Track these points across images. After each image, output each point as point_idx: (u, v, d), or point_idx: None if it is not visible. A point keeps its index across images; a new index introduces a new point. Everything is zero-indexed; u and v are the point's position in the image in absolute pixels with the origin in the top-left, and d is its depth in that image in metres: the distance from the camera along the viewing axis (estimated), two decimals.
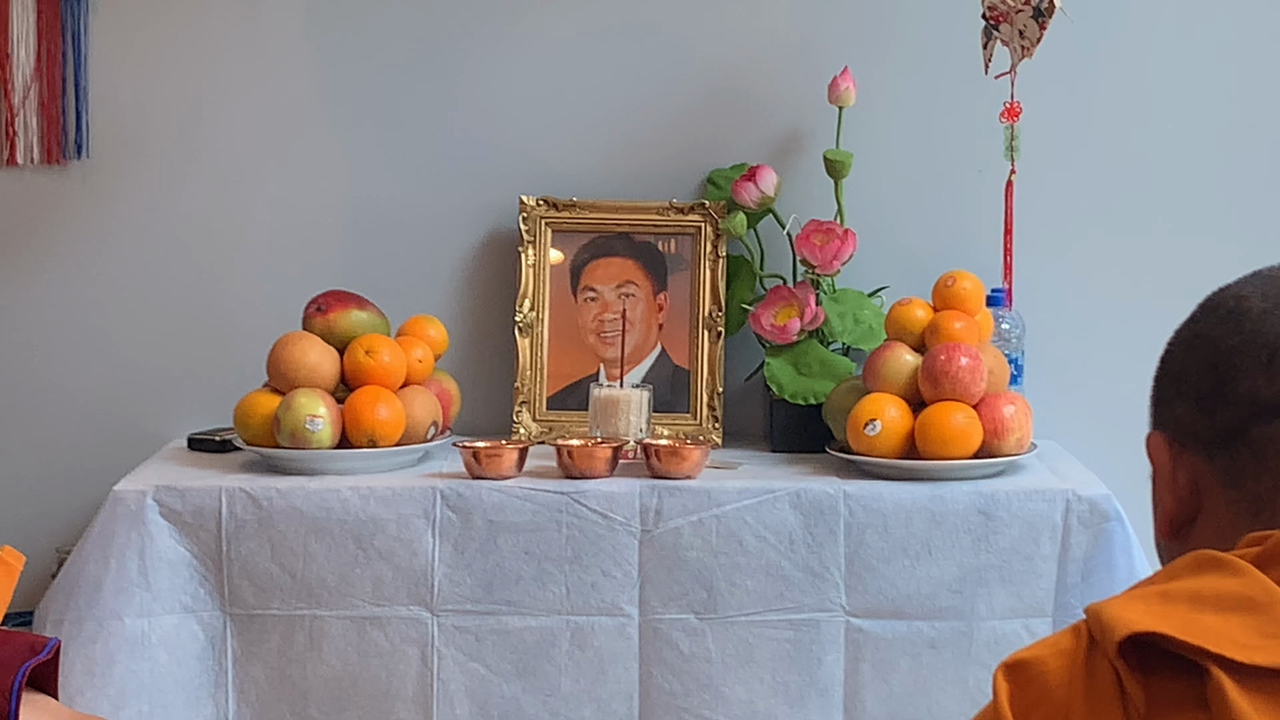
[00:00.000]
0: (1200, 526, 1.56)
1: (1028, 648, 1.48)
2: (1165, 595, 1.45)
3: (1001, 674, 1.46)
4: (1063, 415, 3.47)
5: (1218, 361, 1.54)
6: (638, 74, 3.50)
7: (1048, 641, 1.48)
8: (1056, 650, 1.46)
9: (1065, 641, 1.46)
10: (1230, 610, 1.41)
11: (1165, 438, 1.58)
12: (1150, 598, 1.45)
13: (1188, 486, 1.56)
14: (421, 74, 3.51)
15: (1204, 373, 1.55)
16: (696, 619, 3.01)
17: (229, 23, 3.51)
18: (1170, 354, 1.61)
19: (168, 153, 3.53)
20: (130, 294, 3.53)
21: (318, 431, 3.08)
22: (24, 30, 3.49)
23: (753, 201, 3.38)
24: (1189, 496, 1.56)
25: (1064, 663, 1.44)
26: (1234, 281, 1.60)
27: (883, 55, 3.48)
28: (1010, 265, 3.37)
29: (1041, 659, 1.45)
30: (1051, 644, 1.47)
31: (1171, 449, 1.57)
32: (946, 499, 3.01)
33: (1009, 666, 1.46)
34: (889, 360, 3.15)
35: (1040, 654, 1.46)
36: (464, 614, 3.01)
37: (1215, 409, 1.53)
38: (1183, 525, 1.57)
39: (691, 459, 3.07)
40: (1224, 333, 1.55)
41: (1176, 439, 1.57)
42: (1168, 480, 1.57)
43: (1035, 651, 1.47)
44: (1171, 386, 1.59)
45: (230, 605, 3.03)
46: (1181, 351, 1.59)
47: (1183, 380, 1.57)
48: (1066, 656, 1.45)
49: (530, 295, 3.45)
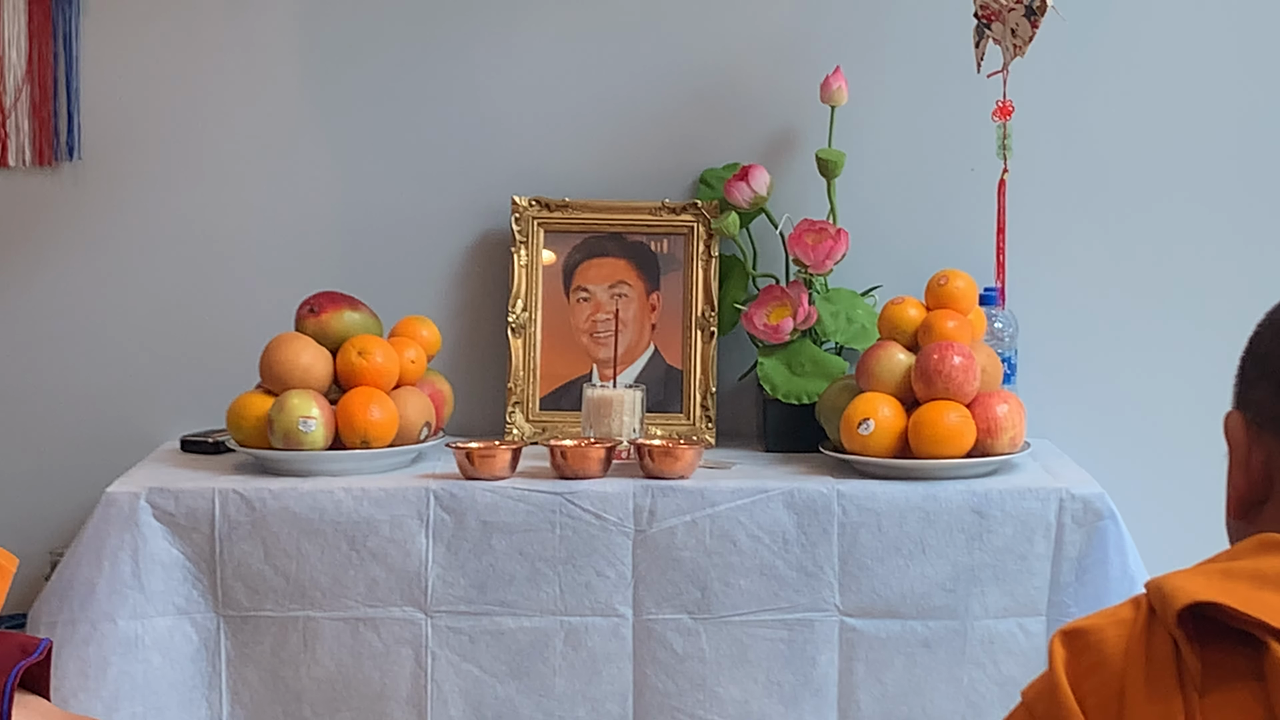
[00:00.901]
0: (1270, 510, 1.56)
1: (1085, 617, 1.51)
2: (1227, 572, 1.46)
3: (1059, 640, 1.48)
4: (1056, 414, 3.47)
5: None
6: (629, 74, 3.50)
7: (1106, 612, 1.50)
8: (1115, 620, 1.48)
9: (1124, 612, 1.48)
10: None
11: (1244, 418, 1.58)
12: (1212, 574, 1.47)
13: (1261, 470, 1.56)
14: (413, 75, 3.51)
15: None
16: (690, 619, 3.01)
17: (220, 24, 3.51)
18: (1259, 335, 1.60)
19: (160, 155, 3.52)
20: (122, 296, 3.53)
21: (310, 433, 3.08)
22: (15, 32, 3.49)
23: (745, 201, 3.38)
24: (1261, 480, 1.56)
25: (1122, 632, 1.46)
26: None
27: (875, 54, 3.48)
28: (1003, 264, 3.37)
29: (1100, 627, 1.48)
30: (1110, 614, 1.49)
31: (1249, 430, 1.57)
32: (940, 498, 3.00)
33: (1066, 634, 1.48)
34: (882, 359, 3.14)
35: (1098, 623, 1.48)
36: (458, 615, 3.01)
37: None
38: (1252, 507, 1.57)
39: (685, 459, 3.06)
40: None
41: (1255, 420, 1.57)
42: (1242, 460, 1.58)
43: (1093, 620, 1.49)
44: (1256, 368, 1.58)
45: (223, 607, 3.03)
46: (1270, 335, 1.58)
47: (1267, 363, 1.57)
48: (1125, 626, 1.47)
49: (523, 296, 3.44)
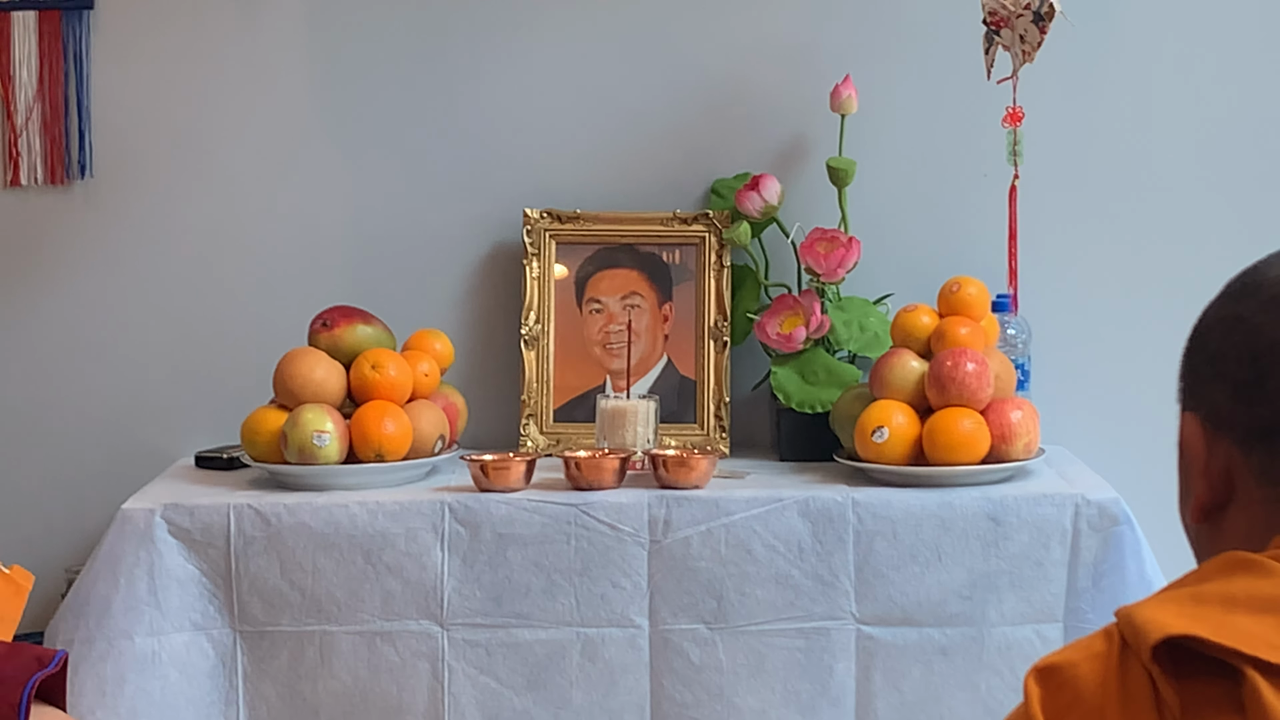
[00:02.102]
0: (1232, 515, 1.52)
1: (1058, 651, 1.46)
2: (1197, 597, 1.43)
3: (1033, 678, 1.44)
4: (1070, 420, 3.46)
5: (1260, 352, 1.49)
6: (639, 85, 3.50)
7: (1079, 645, 1.46)
8: (1089, 654, 1.44)
9: (1097, 645, 1.44)
10: (1263, 612, 1.40)
11: (1199, 420, 1.54)
12: (1182, 600, 1.43)
13: (1221, 473, 1.52)
14: (423, 87, 3.51)
15: (1244, 361, 1.50)
16: (707, 629, 3.01)
17: (230, 40, 3.52)
18: (1207, 331, 1.55)
19: (171, 171, 3.53)
20: (135, 313, 3.53)
21: (325, 447, 3.08)
22: (26, 51, 3.50)
23: (756, 211, 3.37)
24: (1221, 485, 1.52)
25: (1096, 666, 1.42)
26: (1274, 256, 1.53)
27: (884, 62, 3.48)
28: (1015, 270, 3.37)
29: (1074, 663, 1.44)
30: (1083, 647, 1.45)
31: (1205, 433, 1.53)
32: (955, 505, 3.00)
33: (1040, 670, 1.44)
34: (895, 367, 3.14)
35: (1072, 658, 1.44)
36: (474, 627, 3.01)
37: (1254, 401, 1.49)
38: (1214, 511, 1.53)
39: (699, 469, 3.06)
40: (1267, 321, 1.49)
41: (1210, 422, 1.52)
42: (1200, 466, 1.53)
43: (1067, 655, 1.45)
44: (1208, 367, 1.53)
45: (240, 622, 3.03)
46: (1220, 332, 1.53)
47: (1220, 363, 1.52)
48: (1099, 660, 1.43)
49: (535, 308, 3.44)
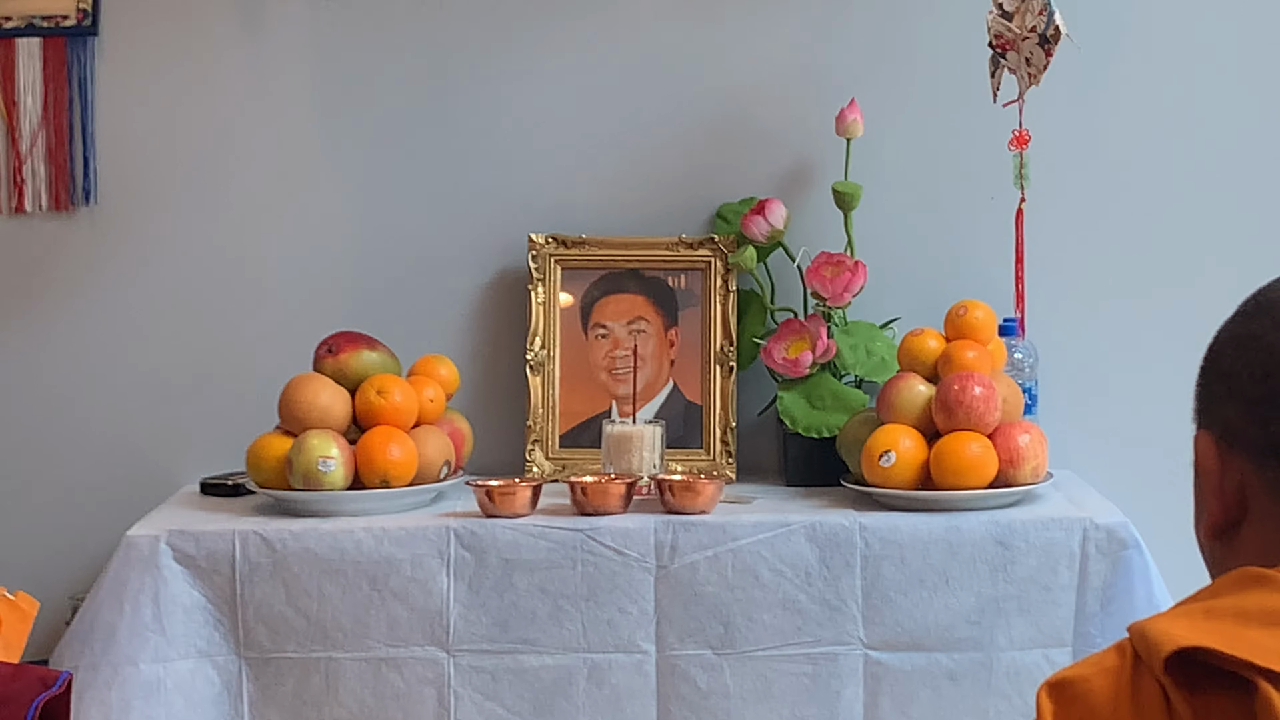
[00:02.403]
0: (1246, 533, 1.51)
1: (1070, 667, 1.46)
2: (1210, 612, 1.43)
3: (1045, 693, 1.43)
4: (1078, 444, 3.45)
5: (1272, 371, 1.48)
6: (645, 110, 3.50)
7: (1091, 660, 1.46)
8: (1101, 669, 1.44)
9: (1109, 660, 1.44)
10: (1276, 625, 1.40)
11: (1213, 438, 1.53)
12: (1195, 614, 1.43)
13: (1235, 492, 1.51)
14: (428, 112, 3.51)
15: (1257, 380, 1.49)
16: (714, 654, 3.00)
17: (235, 66, 3.52)
18: (1220, 350, 1.55)
19: (176, 197, 3.53)
20: (140, 339, 3.53)
21: (330, 473, 3.07)
22: (31, 77, 3.50)
23: (762, 235, 3.37)
24: (1235, 502, 1.51)
25: (1109, 681, 1.42)
26: None
27: (890, 86, 3.47)
28: (1022, 294, 3.37)
29: (1086, 678, 1.43)
30: (1095, 663, 1.45)
31: (1220, 450, 1.52)
32: (963, 529, 2.99)
33: (1053, 685, 1.44)
34: (902, 391, 3.13)
35: (1084, 673, 1.44)
36: (480, 653, 3.00)
37: (1268, 420, 1.48)
38: (1227, 529, 1.52)
39: (706, 494, 3.05)
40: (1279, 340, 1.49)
41: (1225, 440, 1.52)
42: (1215, 484, 1.53)
43: (1079, 670, 1.45)
44: (1221, 385, 1.53)
45: (245, 649, 3.02)
46: (1233, 350, 1.53)
47: (1233, 380, 1.51)
48: (1111, 675, 1.43)
49: (541, 333, 3.44)
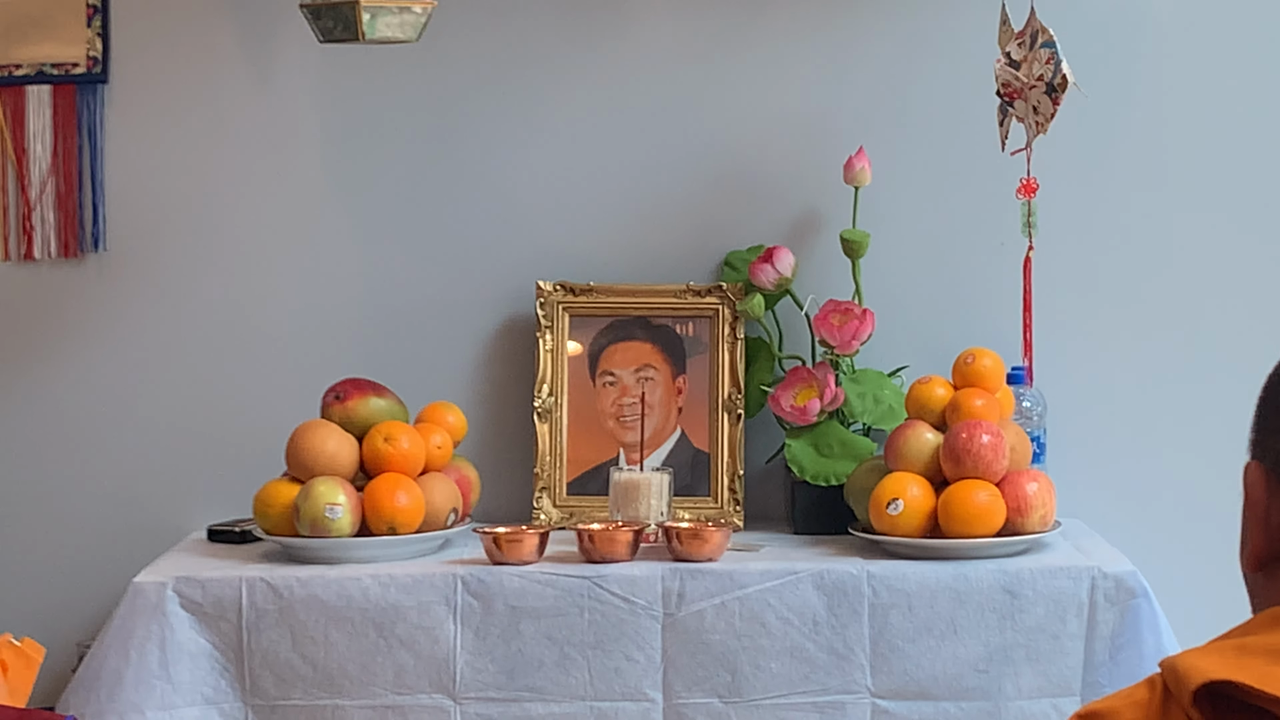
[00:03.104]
0: None
1: (1101, 700, 1.46)
2: (1242, 649, 1.43)
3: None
4: (1086, 493, 3.45)
5: None
6: (653, 158, 3.51)
7: (1122, 694, 1.46)
8: (1131, 701, 1.44)
9: (1139, 693, 1.45)
10: None
11: (1264, 470, 1.52)
12: (1227, 650, 1.43)
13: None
14: (436, 161, 3.51)
15: None
16: (721, 702, 2.99)
17: (244, 114, 3.52)
18: (1276, 383, 1.54)
19: (184, 245, 3.53)
20: (148, 386, 3.53)
21: (337, 520, 3.07)
22: (40, 125, 3.51)
23: (770, 283, 3.37)
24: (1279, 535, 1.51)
25: (1138, 714, 1.42)
26: None
27: (898, 134, 3.48)
28: (1030, 342, 3.36)
29: (1115, 710, 1.44)
30: (1126, 695, 1.45)
31: (1269, 482, 1.51)
32: (971, 578, 2.99)
33: (1083, 717, 1.44)
34: (910, 439, 3.13)
35: (1114, 704, 1.44)
36: (487, 701, 2.99)
37: None
38: (1270, 561, 1.51)
39: (713, 541, 3.05)
40: None
41: (1276, 472, 1.51)
42: (1260, 515, 1.51)
43: (1109, 703, 1.45)
44: (1277, 418, 1.52)
45: (252, 696, 3.01)
46: None
47: None
48: (1140, 708, 1.43)
49: (549, 380, 3.44)
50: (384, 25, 3.11)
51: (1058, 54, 3.19)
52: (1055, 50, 3.20)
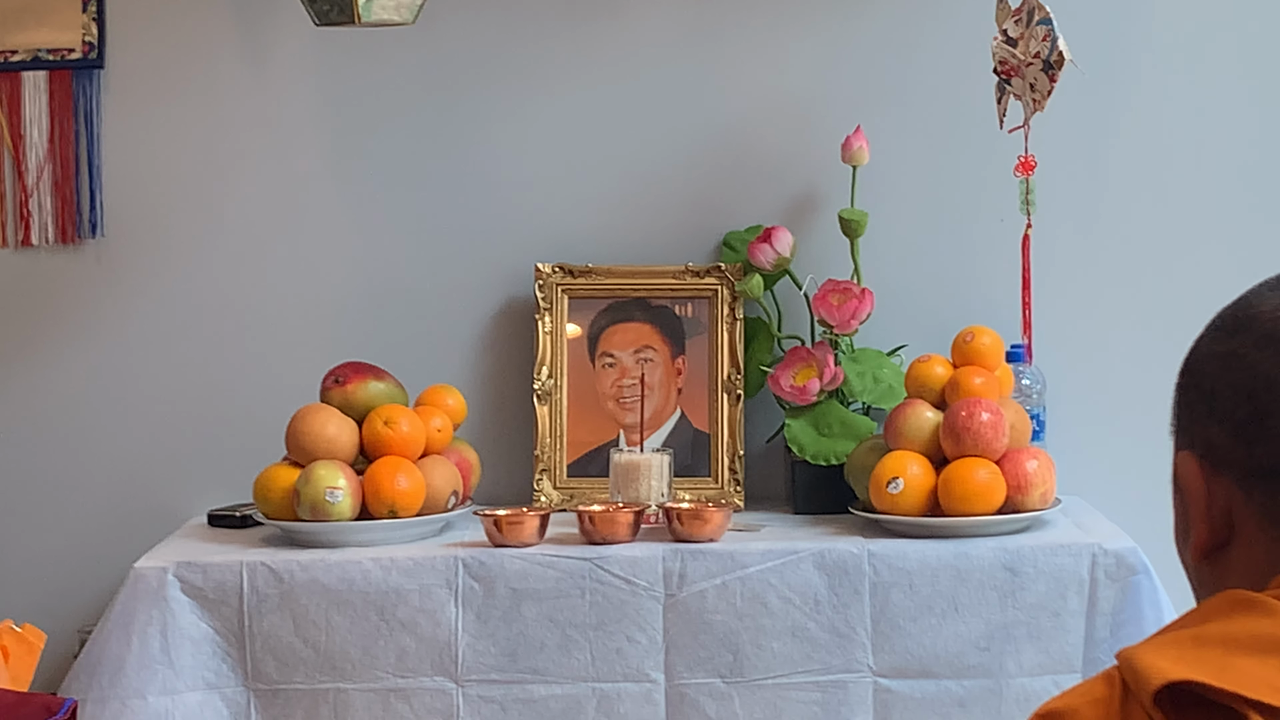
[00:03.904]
0: (1234, 554, 1.48)
1: (1058, 697, 1.44)
2: (1198, 639, 1.41)
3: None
4: (1086, 469, 3.44)
5: (1256, 390, 1.45)
6: (650, 138, 3.50)
7: (1079, 690, 1.44)
8: (1090, 699, 1.42)
9: (1098, 690, 1.42)
10: (1265, 653, 1.38)
11: (1197, 459, 1.49)
12: (1183, 642, 1.41)
13: (1222, 513, 1.48)
14: (434, 143, 3.51)
15: (1241, 400, 1.46)
16: (723, 683, 2.99)
17: (240, 99, 3.52)
18: (1199, 367, 1.52)
19: (182, 230, 3.53)
20: (147, 371, 3.53)
21: (338, 503, 3.07)
22: (37, 111, 3.50)
23: (769, 263, 3.37)
24: (1223, 524, 1.48)
25: (1098, 712, 1.40)
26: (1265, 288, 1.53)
27: (895, 113, 3.47)
28: (1029, 320, 3.36)
29: (1075, 709, 1.41)
30: (1084, 693, 1.43)
31: (1204, 472, 1.48)
32: (972, 556, 2.99)
33: (1042, 717, 1.42)
34: (910, 418, 3.13)
35: (1073, 703, 1.42)
36: (489, 683, 2.99)
37: (1254, 440, 1.45)
38: (1214, 551, 1.49)
39: (714, 522, 3.05)
40: (1263, 359, 1.46)
41: (1209, 461, 1.48)
42: (1201, 508, 1.49)
43: (1068, 701, 1.43)
44: (1203, 405, 1.49)
45: (253, 680, 3.01)
46: (1215, 369, 1.50)
47: (1216, 401, 1.48)
48: (1100, 705, 1.41)
49: (548, 362, 3.44)
50: (380, 8, 3.10)
51: (1054, 31, 3.19)
52: (1052, 27, 3.19)
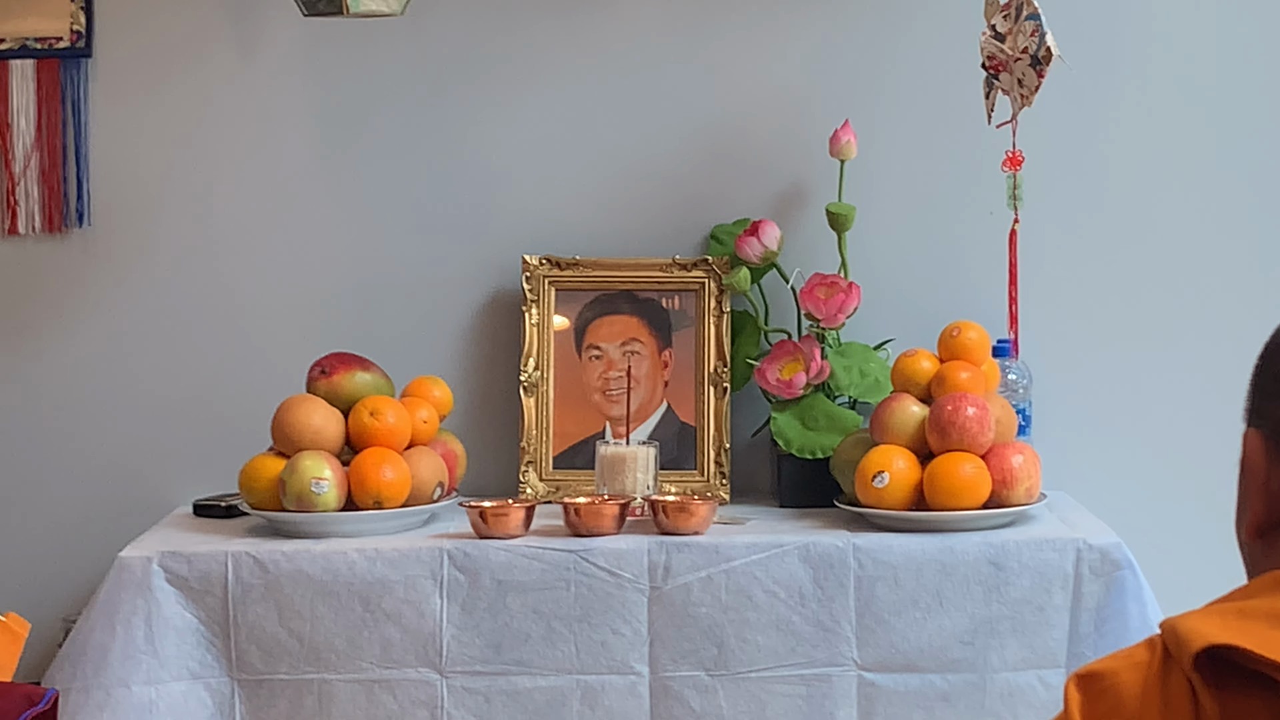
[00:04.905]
0: None
1: (1100, 660, 1.47)
2: (1243, 612, 1.43)
3: (1074, 684, 1.44)
4: (1072, 465, 3.45)
5: None
6: (638, 131, 3.50)
7: (1121, 654, 1.46)
8: (1130, 663, 1.44)
9: (1139, 654, 1.45)
10: None
11: (1263, 437, 1.52)
12: (1228, 614, 1.44)
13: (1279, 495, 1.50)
14: (422, 136, 3.51)
15: None
16: (707, 675, 2.99)
17: (228, 89, 3.52)
18: (1275, 349, 1.54)
19: (169, 219, 3.53)
20: (133, 361, 3.52)
21: (323, 494, 3.07)
22: (24, 99, 3.50)
23: (756, 256, 3.37)
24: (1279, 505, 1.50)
25: (1138, 675, 1.43)
26: None
27: (883, 107, 3.47)
28: (1016, 315, 3.36)
29: (1115, 670, 1.44)
30: (1125, 656, 1.46)
31: (1268, 449, 1.51)
32: (956, 550, 2.99)
33: (1082, 677, 1.45)
34: (896, 412, 3.13)
35: (1114, 666, 1.45)
36: (473, 675, 2.99)
37: None
38: (1270, 529, 1.51)
39: (699, 514, 3.05)
40: None
41: (1274, 440, 1.51)
42: (1260, 483, 1.51)
43: (1108, 664, 1.45)
44: (1275, 385, 1.52)
45: (238, 670, 3.01)
46: None
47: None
48: (1140, 669, 1.43)
49: (535, 355, 3.44)
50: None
51: (1042, 26, 3.19)
52: (1040, 22, 3.19)
